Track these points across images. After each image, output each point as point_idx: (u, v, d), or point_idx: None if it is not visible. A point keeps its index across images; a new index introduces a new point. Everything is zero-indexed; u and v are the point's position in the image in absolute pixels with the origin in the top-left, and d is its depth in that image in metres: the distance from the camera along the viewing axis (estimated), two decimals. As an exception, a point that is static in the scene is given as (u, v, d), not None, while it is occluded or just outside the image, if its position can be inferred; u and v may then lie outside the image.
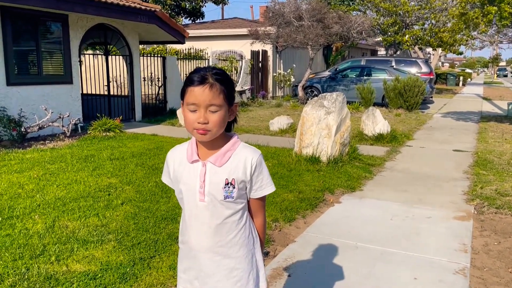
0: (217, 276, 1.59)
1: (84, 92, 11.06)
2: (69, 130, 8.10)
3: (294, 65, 18.96)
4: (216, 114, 1.45)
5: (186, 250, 1.64)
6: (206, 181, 1.52)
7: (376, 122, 8.52)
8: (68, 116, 8.19)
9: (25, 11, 7.83)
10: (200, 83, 1.43)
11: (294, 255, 3.40)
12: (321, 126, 6.25)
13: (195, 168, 1.55)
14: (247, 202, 1.62)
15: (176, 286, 2.84)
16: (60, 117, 7.98)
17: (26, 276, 2.87)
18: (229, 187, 1.52)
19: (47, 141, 7.65)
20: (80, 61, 9.37)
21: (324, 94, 6.66)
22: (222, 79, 1.46)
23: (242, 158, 1.54)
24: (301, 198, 4.72)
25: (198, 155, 1.55)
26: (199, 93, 1.43)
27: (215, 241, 1.57)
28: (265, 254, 3.41)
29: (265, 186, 1.59)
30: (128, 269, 3.01)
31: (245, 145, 1.59)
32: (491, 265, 3.32)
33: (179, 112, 10.40)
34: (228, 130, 1.60)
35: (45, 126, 7.75)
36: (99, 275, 2.92)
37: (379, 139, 8.28)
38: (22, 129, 7.44)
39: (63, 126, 8.03)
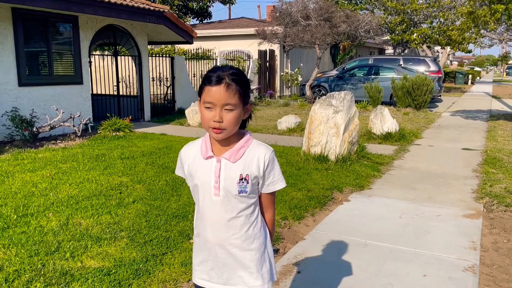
0: (233, 268, 1.65)
1: (94, 92, 11.18)
2: (80, 130, 8.20)
3: (301, 64, 18.98)
4: (231, 113, 1.51)
5: (201, 243, 1.69)
6: (221, 176, 1.58)
7: (385, 121, 8.52)
8: (79, 116, 8.30)
9: (36, 12, 7.94)
10: (217, 83, 1.49)
11: (304, 252, 3.44)
12: (329, 125, 6.27)
13: (209, 164, 1.60)
14: (259, 197, 1.68)
15: (188, 281, 2.90)
16: (71, 117, 8.09)
17: (42, 272, 2.94)
18: (243, 182, 1.58)
19: (58, 141, 7.76)
20: (90, 62, 9.47)
21: (332, 93, 6.69)
22: (238, 79, 1.52)
23: (255, 155, 1.59)
24: (310, 196, 4.76)
25: (212, 151, 1.61)
26: (216, 93, 1.49)
27: (230, 234, 1.62)
28: (275, 251, 3.46)
29: (276, 182, 1.65)
30: (141, 265, 3.07)
31: (258, 142, 1.65)
32: (500, 263, 3.33)
33: (187, 112, 10.47)
34: (243, 127, 1.66)
35: (56, 126, 7.86)
36: (113, 271, 2.98)
37: (387, 137, 8.28)
38: (34, 129, 7.55)
39: (74, 126, 8.14)
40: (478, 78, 40.97)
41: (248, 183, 1.58)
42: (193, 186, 1.66)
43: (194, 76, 14.16)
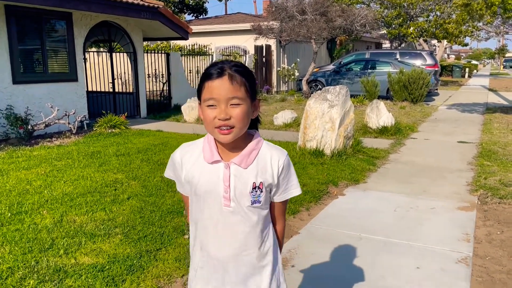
0: (241, 285, 1.46)
1: (89, 89, 11.14)
2: (75, 127, 8.18)
3: (298, 59, 18.94)
4: (239, 108, 1.30)
5: (204, 259, 1.47)
6: (231, 185, 1.37)
7: (380, 114, 8.52)
8: (74, 113, 8.27)
9: (29, 9, 7.90)
10: (219, 76, 1.29)
11: (298, 246, 3.45)
12: (324, 120, 6.27)
13: (216, 170, 1.38)
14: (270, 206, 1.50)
15: (182, 276, 2.91)
16: (66, 115, 8.07)
17: (36, 269, 2.93)
18: (256, 191, 1.38)
19: (53, 138, 7.74)
20: (85, 59, 9.44)
21: (328, 87, 6.68)
22: (242, 70, 1.33)
23: (268, 159, 1.40)
24: (305, 190, 4.75)
25: (219, 155, 1.39)
26: (218, 86, 1.29)
27: (241, 249, 1.42)
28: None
29: (291, 188, 1.46)
30: (135, 261, 3.07)
31: (270, 144, 1.45)
32: (493, 254, 3.34)
33: (183, 108, 10.46)
34: (254, 129, 1.47)
35: (51, 123, 7.84)
36: (107, 267, 2.98)
37: (383, 131, 8.28)
38: (29, 127, 7.53)
39: (69, 123, 8.12)
40: (475, 71, 40.98)
41: (262, 192, 1.38)
42: (194, 195, 1.44)
43: (190, 72, 14.12)
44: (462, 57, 72.91)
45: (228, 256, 1.42)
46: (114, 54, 11.01)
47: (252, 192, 1.37)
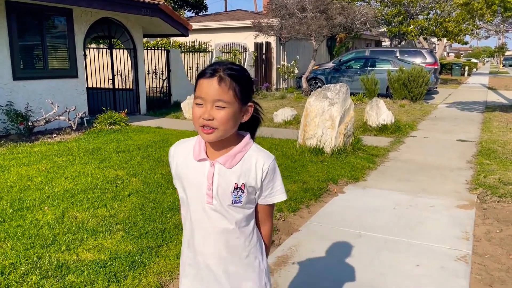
0: (224, 285, 1.49)
1: (89, 86, 11.14)
2: (75, 124, 8.19)
3: (298, 56, 18.93)
4: (223, 111, 1.33)
5: (190, 255, 1.52)
6: (214, 183, 1.42)
7: (380, 113, 8.54)
8: (74, 109, 8.28)
9: (29, 5, 7.89)
10: (210, 76, 1.33)
11: (298, 244, 3.47)
12: (324, 117, 6.28)
13: (202, 168, 1.43)
14: (255, 207, 1.52)
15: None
16: (66, 111, 8.07)
17: (38, 265, 2.95)
18: (237, 191, 1.42)
19: (54, 135, 7.75)
20: (85, 55, 9.43)
21: (328, 85, 6.69)
22: (235, 74, 1.34)
23: (253, 162, 1.43)
24: (305, 188, 4.78)
25: (206, 154, 1.44)
26: (207, 86, 1.33)
27: (222, 246, 1.46)
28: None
29: (275, 194, 1.47)
30: (136, 258, 3.09)
31: (258, 147, 1.47)
32: (492, 252, 3.37)
33: (183, 105, 10.46)
34: (252, 132, 1.50)
35: (51, 120, 7.84)
36: (109, 264, 3.00)
37: (383, 129, 8.30)
38: (29, 123, 7.54)
39: (69, 119, 8.12)
40: (474, 69, 40.98)
41: (243, 192, 1.42)
42: (182, 190, 1.50)
43: (190, 69, 14.13)
44: (462, 55, 72.94)
45: (213, 253, 1.46)
46: (114, 51, 10.99)
47: (233, 192, 1.41)
